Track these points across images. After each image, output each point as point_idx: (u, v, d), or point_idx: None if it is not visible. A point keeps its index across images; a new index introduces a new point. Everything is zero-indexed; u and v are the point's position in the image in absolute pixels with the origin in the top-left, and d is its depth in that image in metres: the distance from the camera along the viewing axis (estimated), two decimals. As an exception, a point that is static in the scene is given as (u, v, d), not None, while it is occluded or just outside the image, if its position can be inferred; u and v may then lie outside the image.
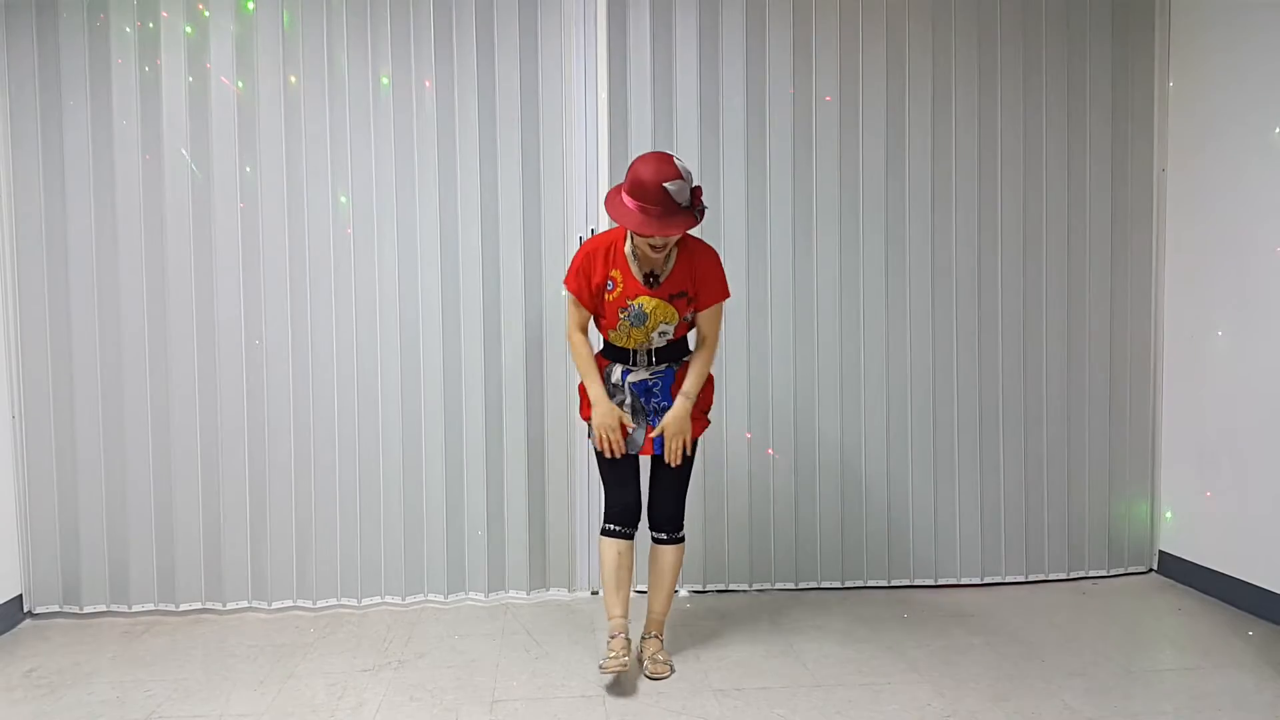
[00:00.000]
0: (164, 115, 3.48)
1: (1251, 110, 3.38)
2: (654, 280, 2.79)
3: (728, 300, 2.97)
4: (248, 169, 3.51)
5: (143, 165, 3.49)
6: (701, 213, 2.71)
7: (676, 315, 2.79)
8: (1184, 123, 3.75)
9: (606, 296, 2.82)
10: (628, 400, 2.88)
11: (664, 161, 2.64)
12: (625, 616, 2.94)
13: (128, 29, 3.45)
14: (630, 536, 2.96)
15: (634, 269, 2.79)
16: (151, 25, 3.46)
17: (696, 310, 2.90)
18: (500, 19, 3.57)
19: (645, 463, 3.00)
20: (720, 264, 2.90)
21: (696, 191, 2.67)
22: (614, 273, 2.79)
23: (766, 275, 3.68)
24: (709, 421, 3.00)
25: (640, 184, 2.62)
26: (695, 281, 2.83)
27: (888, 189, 3.71)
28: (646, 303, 2.78)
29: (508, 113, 3.58)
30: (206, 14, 3.47)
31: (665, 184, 2.59)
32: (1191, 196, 3.71)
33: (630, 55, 3.61)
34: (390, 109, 3.55)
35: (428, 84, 3.55)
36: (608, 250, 2.83)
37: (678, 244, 2.81)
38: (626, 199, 2.66)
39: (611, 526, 2.94)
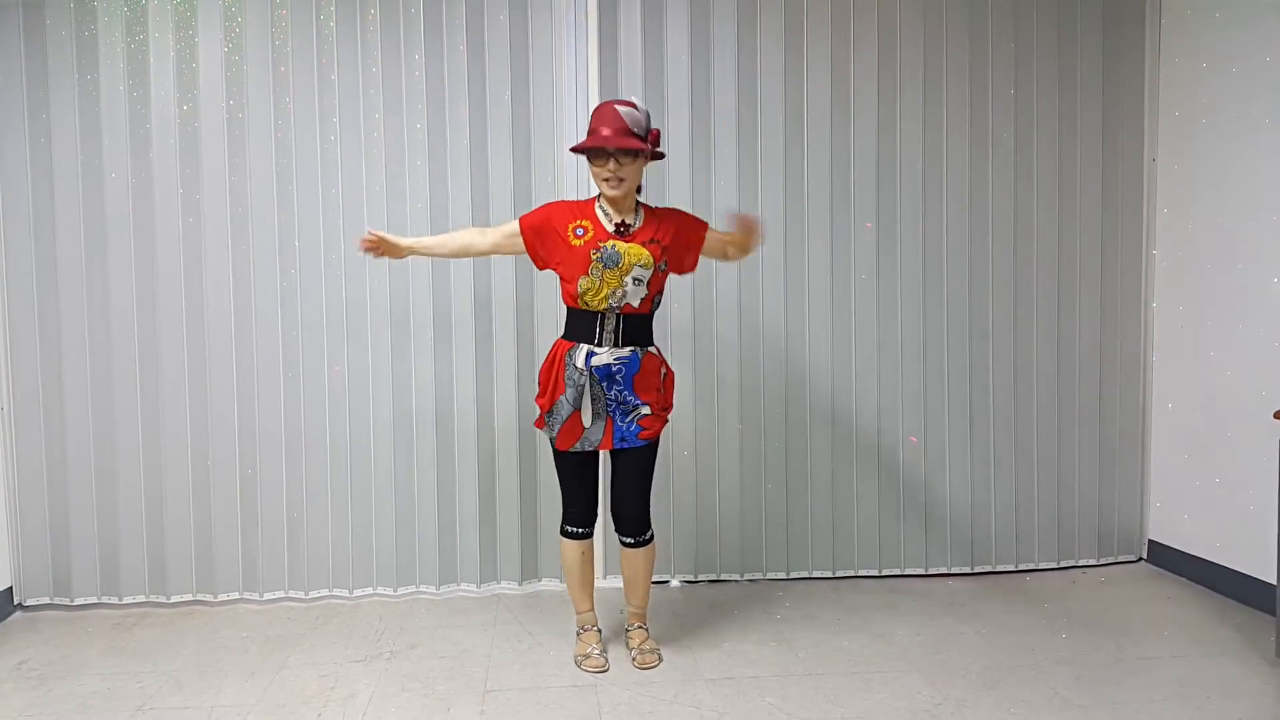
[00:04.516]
0: (152, 107, 3.45)
1: (1242, 101, 3.39)
2: (625, 229, 2.79)
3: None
4: (237, 160, 3.49)
5: (131, 156, 3.47)
6: (659, 152, 2.80)
7: (651, 259, 2.76)
8: (1174, 113, 3.75)
9: (575, 242, 2.76)
10: (588, 389, 2.80)
11: (622, 98, 2.77)
12: (593, 609, 3.08)
13: (115, 17, 3.43)
14: (589, 536, 3.00)
15: (604, 222, 2.79)
16: (140, 6, 3.44)
17: (694, 249, 2.89)
18: (490, 10, 3.55)
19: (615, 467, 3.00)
20: (683, 211, 2.97)
21: (654, 132, 2.76)
22: (584, 221, 2.80)
23: (758, 266, 3.67)
24: (667, 420, 2.94)
25: (598, 113, 2.73)
26: (667, 231, 2.84)
27: (879, 179, 3.71)
28: (620, 244, 2.75)
29: (498, 103, 3.57)
30: (195, 0, 3.45)
31: (617, 106, 2.69)
32: (1182, 187, 3.72)
33: (621, 48, 3.60)
34: (380, 100, 3.53)
35: (418, 75, 3.53)
36: (577, 204, 2.89)
37: (643, 208, 2.86)
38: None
39: (570, 529, 2.97)
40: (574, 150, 2.76)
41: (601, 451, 2.95)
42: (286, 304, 3.55)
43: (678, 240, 2.85)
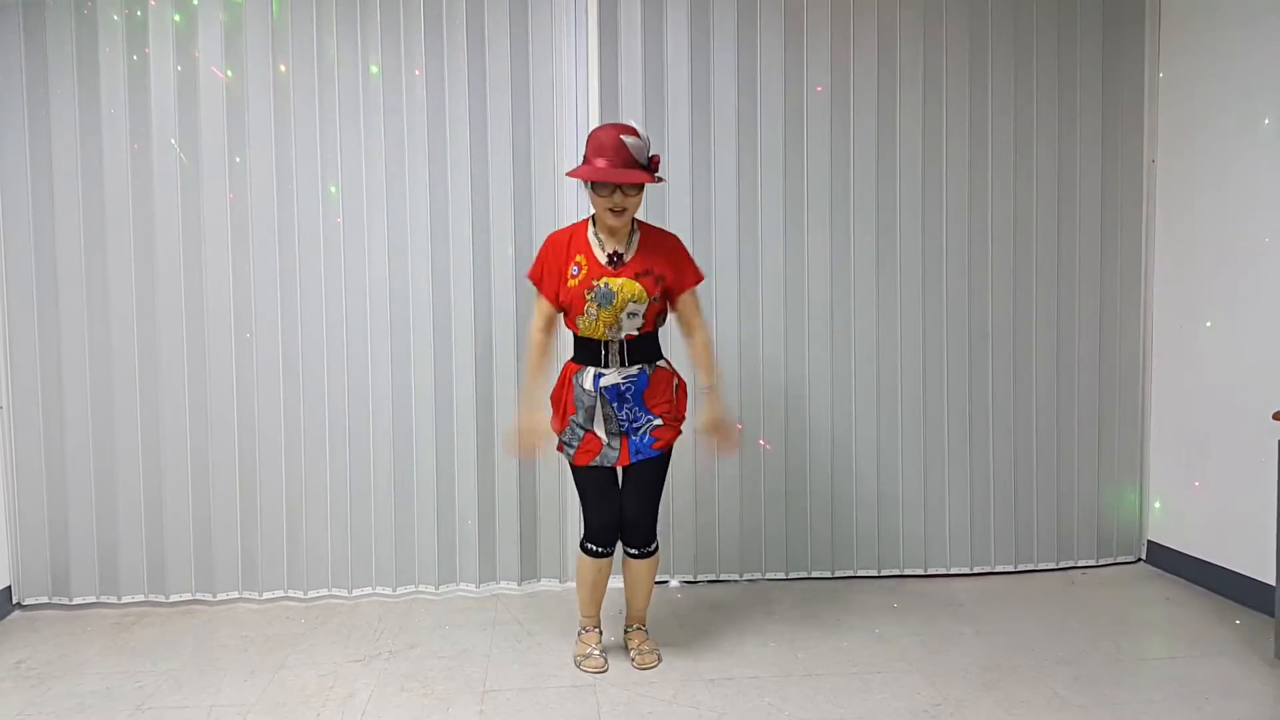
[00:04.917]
0: (153, 104, 3.46)
1: (1241, 101, 3.39)
2: (618, 259, 2.76)
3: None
4: (237, 159, 3.49)
5: (131, 155, 3.47)
6: (659, 177, 2.74)
7: (645, 294, 2.74)
8: (1173, 114, 3.75)
9: (570, 282, 2.76)
10: (599, 411, 2.80)
11: (622, 124, 2.73)
12: (598, 614, 3.04)
13: (115, 17, 3.43)
14: (609, 555, 2.92)
15: (597, 252, 2.77)
16: (139, 14, 3.43)
17: (673, 293, 2.85)
18: (490, 7, 3.55)
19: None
20: (684, 247, 2.92)
21: (654, 158, 2.72)
22: (578, 257, 2.77)
23: (757, 265, 3.67)
24: (680, 431, 2.93)
25: (598, 141, 2.68)
26: (662, 262, 2.80)
27: (879, 180, 3.71)
28: (612, 281, 2.73)
29: (498, 101, 3.57)
30: (195, 2, 3.45)
31: (622, 136, 2.65)
32: (1181, 187, 3.71)
33: (621, 45, 3.60)
34: (380, 98, 3.53)
35: (418, 73, 3.53)
36: (570, 237, 2.84)
37: (639, 228, 2.83)
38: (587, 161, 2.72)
39: (592, 546, 2.89)
40: (574, 176, 2.74)
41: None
42: (286, 304, 3.54)
43: (672, 276, 2.82)
